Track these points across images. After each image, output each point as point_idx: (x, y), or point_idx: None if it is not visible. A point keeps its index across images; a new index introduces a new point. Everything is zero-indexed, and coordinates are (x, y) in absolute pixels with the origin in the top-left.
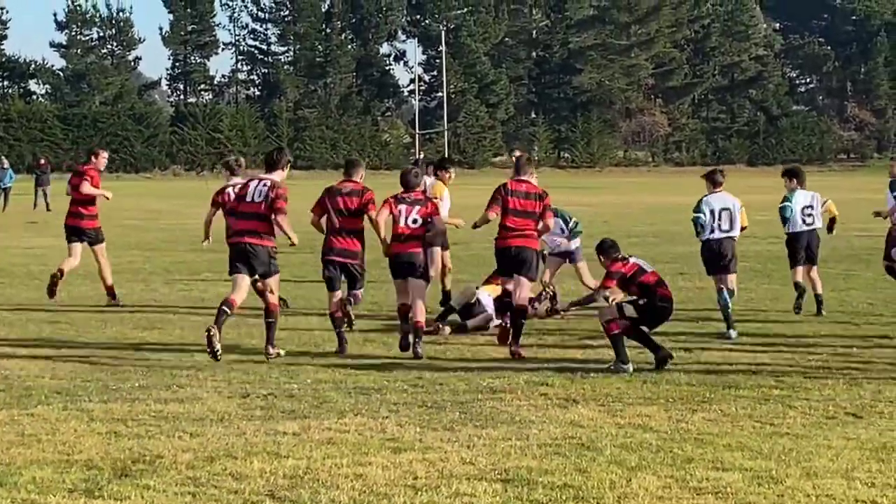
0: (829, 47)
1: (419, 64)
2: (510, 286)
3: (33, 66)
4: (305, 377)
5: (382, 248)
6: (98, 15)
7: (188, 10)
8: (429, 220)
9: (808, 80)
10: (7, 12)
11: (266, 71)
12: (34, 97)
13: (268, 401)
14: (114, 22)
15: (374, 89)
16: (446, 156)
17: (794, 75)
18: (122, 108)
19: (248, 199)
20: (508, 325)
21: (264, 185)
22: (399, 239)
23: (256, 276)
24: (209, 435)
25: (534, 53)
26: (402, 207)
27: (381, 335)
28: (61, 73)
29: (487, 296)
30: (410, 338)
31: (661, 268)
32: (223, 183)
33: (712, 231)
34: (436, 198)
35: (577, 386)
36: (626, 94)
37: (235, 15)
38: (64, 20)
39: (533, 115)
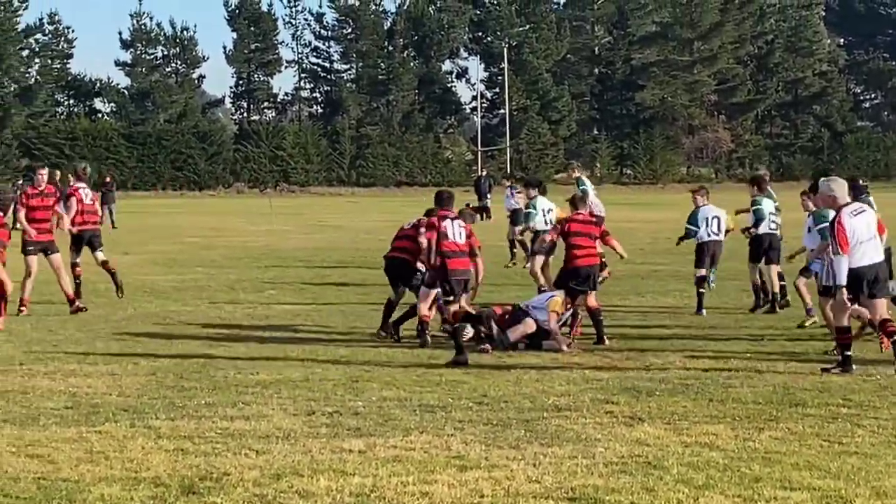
0: (893, 62)
1: (481, 81)
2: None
3: (99, 84)
4: (370, 395)
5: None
6: (163, 34)
7: (252, 28)
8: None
9: (872, 95)
10: (73, 31)
11: (329, 88)
12: (99, 115)
13: (333, 418)
14: (178, 40)
15: (437, 106)
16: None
17: (859, 91)
18: (186, 125)
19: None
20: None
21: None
22: (453, 255)
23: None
24: (275, 452)
25: (596, 70)
26: (449, 224)
27: (447, 353)
28: (126, 92)
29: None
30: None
31: (723, 284)
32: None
33: (709, 235)
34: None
35: (643, 404)
36: (688, 110)
37: (298, 33)
38: (129, 39)
39: (595, 132)
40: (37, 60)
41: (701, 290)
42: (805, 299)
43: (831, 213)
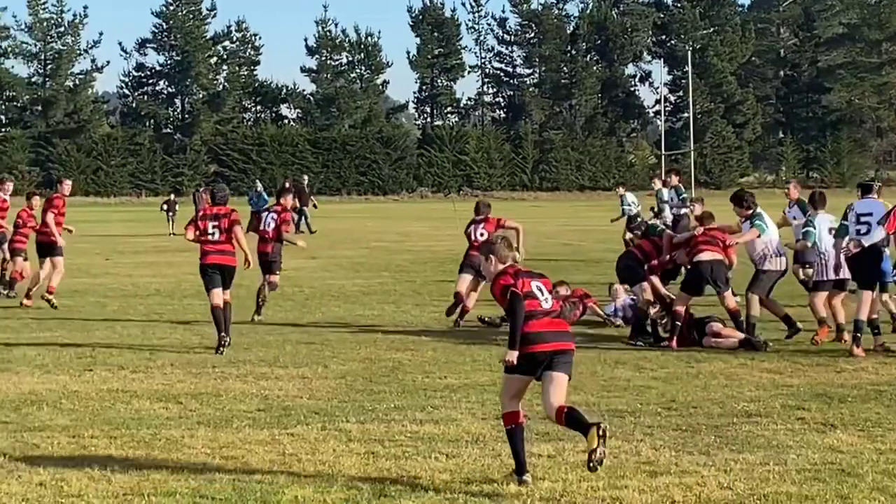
0: None
1: (665, 84)
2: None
3: (285, 90)
4: None
5: None
6: (347, 40)
7: (435, 33)
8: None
9: None
10: (259, 38)
11: (511, 93)
12: (285, 121)
13: None
14: (362, 46)
15: (620, 110)
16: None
17: None
18: (370, 131)
19: None
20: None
21: None
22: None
23: None
24: (465, 456)
25: (781, 72)
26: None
27: (635, 354)
28: (311, 98)
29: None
30: None
31: None
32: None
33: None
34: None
35: (835, 410)
36: (876, 112)
37: (481, 38)
38: (314, 45)
39: (781, 135)
40: (224, 67)
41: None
42: None
43: None
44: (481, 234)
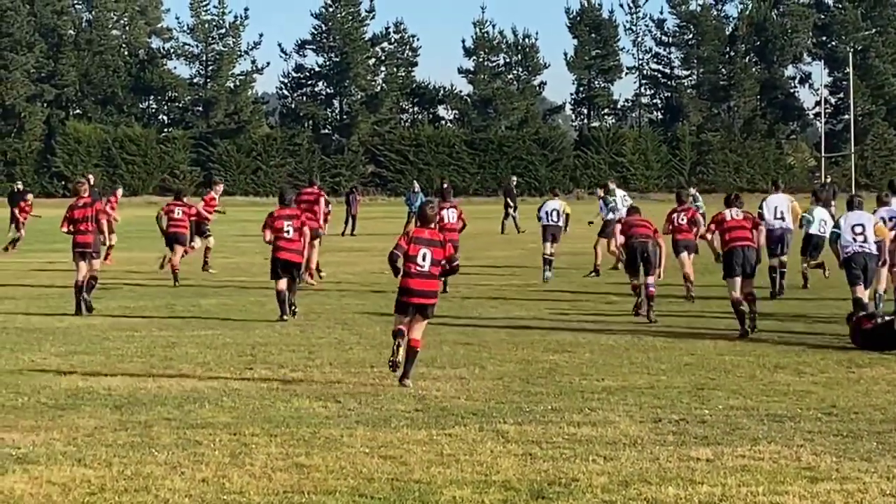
0: None
1: (825, 86)
2: None
3: (442, 91)
4: (716, 403)
5: None
6: (505, 41)
7: (592, 35)
8: None
9: None
10: (417, 40)
11: (669, 94)
12: (442, 122)
13: (679, 426)
14: (520, 48)
15: (779, 112)
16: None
17: None
18: (527, 132)
19: None
20: None
21: None
22: None
23: None
24: (622, 459)
25: None
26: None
27: (795, 359)
28: (468, 99)
29: None
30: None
31: None
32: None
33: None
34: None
35: None
36: None
37: (639, 39)
38: (472, 46)
39: None
40: (383, 69)
41: None
42: None
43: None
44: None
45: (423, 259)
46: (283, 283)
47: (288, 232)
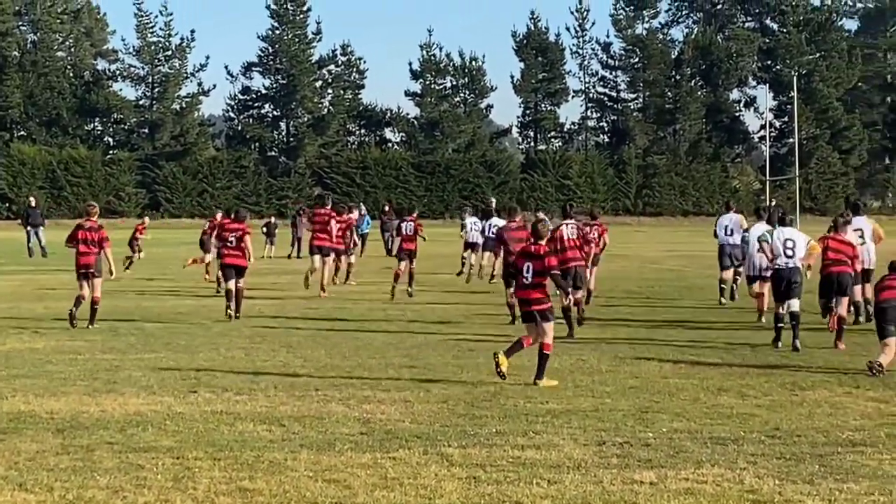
0: None
1: (770, 110)
2: None
3: (389, 114)
4: (660, 426)
5: None
6: (452, 64)
7: (539, 58)
8: None
9: None
10: (364, 62)
11: (615, 118)
12: (389, 145)
13: (623, 449)
14: (467, 71)
15: (724, 135)
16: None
17: None
18: (473, 155)
19: None
20: None
21: None
22: None
23: None
24: (566, 482)
25: (888, 98)
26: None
27: (738, 381)
28: (415, 122)
29: None
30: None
31: None
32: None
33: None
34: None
35: None
36: None
37: (585, 63)
38: (419, 69)
39: (887, 161)
40: (329, 91)
41: None
42: None
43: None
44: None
45: (527, 272)
46: (231, 283)
47: (231, 242)
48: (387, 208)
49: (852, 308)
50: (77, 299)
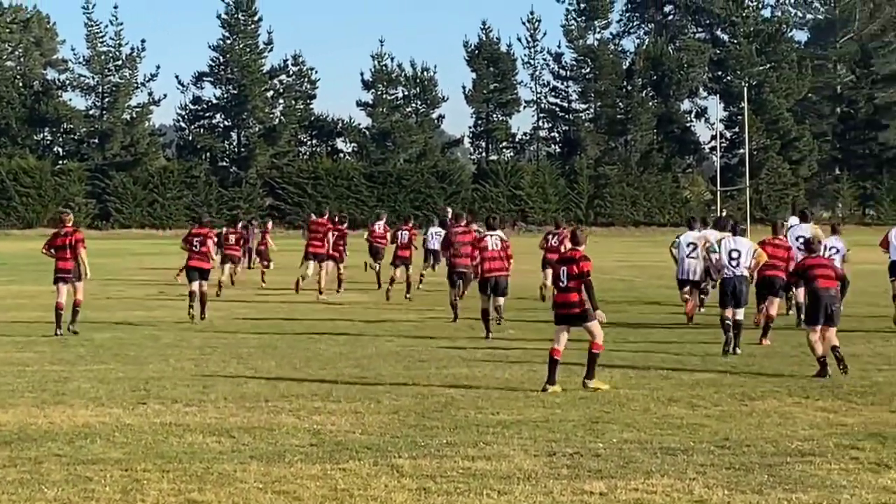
0: None
1: (721, 120)
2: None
3: (340, 124)
4: (611, 436)
5: None
6: (403, 74)
7: (491, 68)
8: None
9: None
10: (316, 72)
11: (567, 128)
12: (341, 155)
13: (573, 460)
14: (418, 81)
15: (675, 146)
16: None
17: None
18: (425, 165)
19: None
20: None
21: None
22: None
23: None
24: (517, 493)
25: (838, 109)
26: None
27: (688, 392)
28: (367, 132)
29: None
30: None
31: None
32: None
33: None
34: None
35: (889, 450)
36: None
37: (537, 73)
38: (370, 80)
39: (837, 172)
40: (281, 101)
41: None
42: None
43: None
44: None
45: (564, 275)
46: (195, 285)
47: (196, 246)
48: (337, 218)
49: (794, 308)
50: (56, 310)
